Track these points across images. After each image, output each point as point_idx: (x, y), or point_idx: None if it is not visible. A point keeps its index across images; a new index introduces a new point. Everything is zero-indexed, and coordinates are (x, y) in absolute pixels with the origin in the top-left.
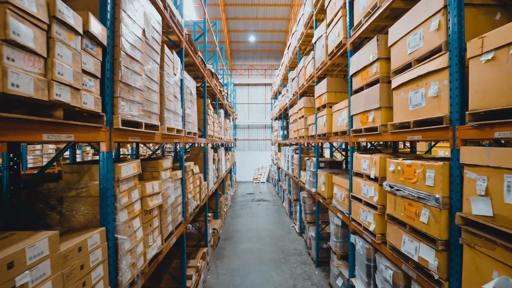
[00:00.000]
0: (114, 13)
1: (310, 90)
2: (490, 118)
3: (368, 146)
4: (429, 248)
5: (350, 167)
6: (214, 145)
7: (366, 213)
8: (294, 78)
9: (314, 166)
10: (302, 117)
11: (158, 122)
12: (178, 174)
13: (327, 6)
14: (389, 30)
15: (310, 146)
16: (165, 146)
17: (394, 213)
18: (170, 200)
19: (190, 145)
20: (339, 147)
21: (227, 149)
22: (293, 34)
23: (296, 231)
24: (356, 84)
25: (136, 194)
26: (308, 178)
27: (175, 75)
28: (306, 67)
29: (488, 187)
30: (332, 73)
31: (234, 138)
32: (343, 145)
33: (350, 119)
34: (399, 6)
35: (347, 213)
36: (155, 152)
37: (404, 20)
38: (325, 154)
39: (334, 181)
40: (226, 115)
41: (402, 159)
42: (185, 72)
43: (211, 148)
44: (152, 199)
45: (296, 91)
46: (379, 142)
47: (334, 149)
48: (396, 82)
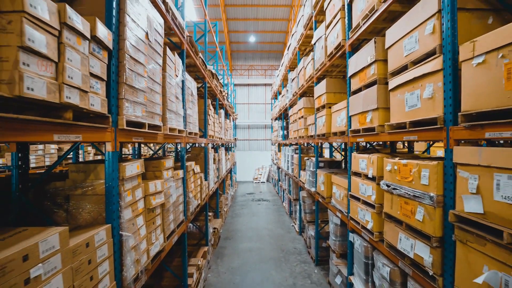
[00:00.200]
0: (119, 17)
1: (310, 91)
2: (481, 119)
3: (367, 146)
4: (424, 245)
5: (348, 167)
6: (214, 145)
7: (364, 211)
8: (294, 79)
9: (314, 166)
10: (302, 117)
11: (160, 123)
12: (180, 173)
13: (326, 8)
14: (386, 33)
15: (310, 146)
16: (166, 146)
17: (391, 211)
18: (172, 199)
19: (191, 145)
20: (339, 147)
21: (228, 149)
22: (293, 35)
23: (296, 230)
24: (354, 85)
25: (139, 192)
26: (307, 177)
27: (177, 77)
28: (305, 68)
29: (479, 185)
30: (331, 74)
31: (234, 138)
32: (343, 145)
33: (349, 120)
34: (396, 9)
35: (346, 212)
36: (157, 152)
37: (400, 23)
38: (324, 154)
39: (333, 180)
40: (227, 115)
41: (399, 159)
42: (186, 73)
43: (212, 148)
44: (154, 198)
45: (296, 92)
46: (378, 142)
47: (333, 149)
48: (393, 83)
